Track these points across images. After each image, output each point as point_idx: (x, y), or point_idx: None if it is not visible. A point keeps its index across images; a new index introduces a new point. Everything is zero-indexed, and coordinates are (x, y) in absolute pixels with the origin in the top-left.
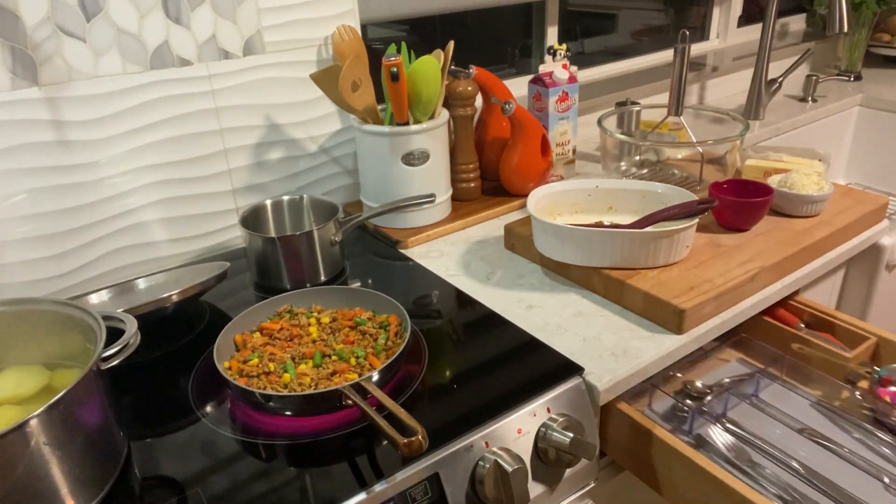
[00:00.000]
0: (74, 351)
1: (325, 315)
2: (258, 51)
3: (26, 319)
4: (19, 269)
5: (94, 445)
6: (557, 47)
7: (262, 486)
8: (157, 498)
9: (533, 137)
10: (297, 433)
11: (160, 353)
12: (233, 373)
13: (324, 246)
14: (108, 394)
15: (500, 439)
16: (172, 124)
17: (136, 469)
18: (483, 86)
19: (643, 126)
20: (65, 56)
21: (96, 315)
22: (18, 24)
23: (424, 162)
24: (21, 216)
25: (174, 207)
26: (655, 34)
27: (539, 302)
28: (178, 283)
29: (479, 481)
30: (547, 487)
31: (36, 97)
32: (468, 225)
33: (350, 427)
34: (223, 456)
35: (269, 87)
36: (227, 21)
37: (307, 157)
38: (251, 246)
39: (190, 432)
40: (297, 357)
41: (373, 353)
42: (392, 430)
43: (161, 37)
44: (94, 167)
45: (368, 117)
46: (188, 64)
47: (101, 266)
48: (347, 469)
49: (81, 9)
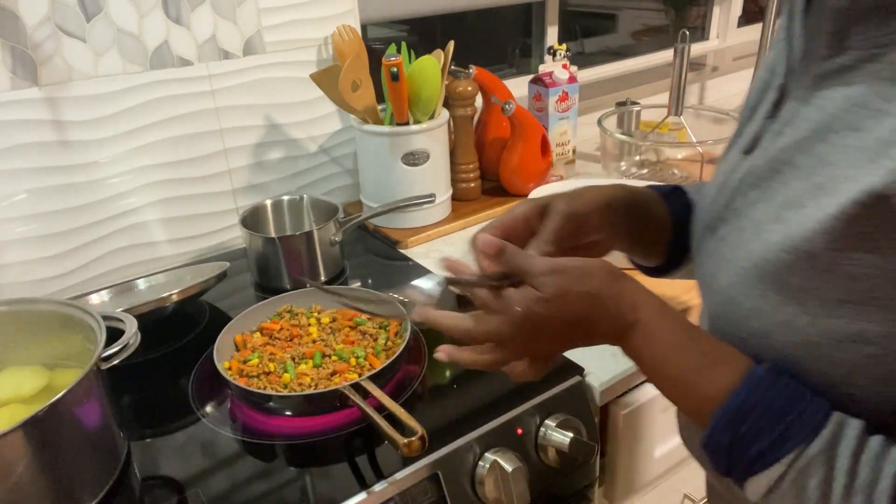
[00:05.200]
0: (74, 351)
1: (325, 315)
2: (258, 51)
3: (26, 319)
4: (19, 269)
5: (94, 445)
6: (557, 47)
7: (262, 486)
8: (157, 498)
9: (533, 137)
10: (297, 433)
11: (160, 353)
12: (233, 373)
13: (324, 246)
14: (108, 394)
15: (499, 439)
16: (172, 124)
17: (136, 469)
18: (483, 86)
19: (643, 126)
20: (65, 56)
21: (96, 315)
22: (18, 24)
23: (424, 162)
24: (21, 216)
25: (174, 207)
26: (655, 34)
27: None
28: (178, 283)
29: (478, 481)
30: (547, 487)
31: (36, 97)
32: (468, 225)
33: (350, 427)
34: (223, 456)
35: (269, 87)
36: (227, 21)
37: (307, 157)
38: (251, 246)
39: (190, 432)
40: (297, 357)
41: (373, 353)
42: (392, 430)
43: (161, 37)
44: (94, 167)
45: (368, 117)
46: (188, 64)
47: (101, 266)
48: (347, 469)
49: (81, 9)
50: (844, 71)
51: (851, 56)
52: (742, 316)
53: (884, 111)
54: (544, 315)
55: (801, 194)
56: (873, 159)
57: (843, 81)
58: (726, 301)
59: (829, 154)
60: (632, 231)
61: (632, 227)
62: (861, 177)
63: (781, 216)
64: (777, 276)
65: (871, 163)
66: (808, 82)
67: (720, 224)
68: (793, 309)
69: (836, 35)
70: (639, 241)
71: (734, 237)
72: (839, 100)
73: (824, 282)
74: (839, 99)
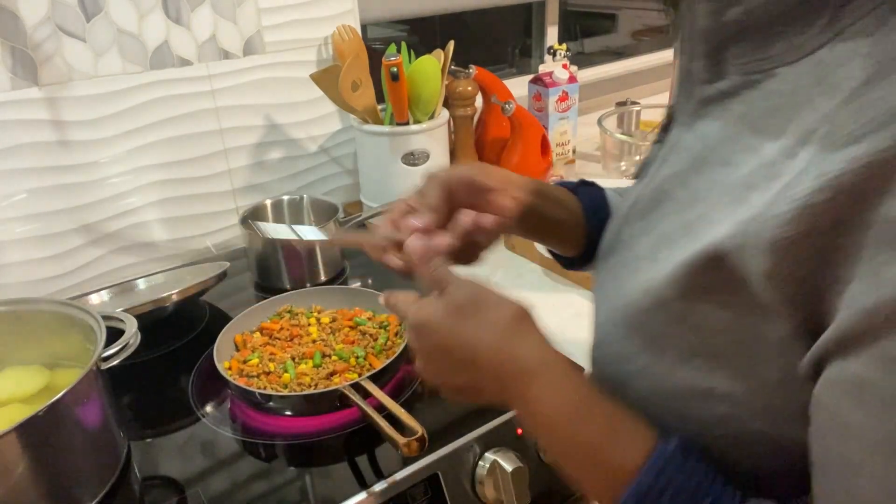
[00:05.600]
0: (74, 351)
1: (325, 315)
2: (258, 51)
3: (26, 319)
4: (19, 269)
5: (94, 445)
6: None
7: (262, 486)
8: (157, 498)
9: (533, 137)
10: (297, 433)
11: (160, 353)
12: (233, 373)
13: (324, 246)
14: (108, 394)
15: (499, 439)
16: (172, 124)
17: (136, 469)
18: (483, 86)
19: (643, 126)
20: (65, 56)
21: (96, 315)
22: (18, 24)
23: (424, 162)
24: (21, 216)
25: (174, 207)
26: (655, 34)
27: (538, 302)
28: (178, 283)
29: (478, 481)
30: (547, 488)
31: (36, 97)
32: None
33: (350, 427)
34: (223, 456)
35: (269, 87)
36: (227, 21)
37: (307, 157)
38: (251, 246)
39: (190, 432)
40: (297, 357)
41: (373, 353)
42: (392, 430)
43: (161, 37)
44: (94, 167)
45: (368, 117)
46: (188, 64)
47: (101, 266)
48: (347, 469)
49: (81, 9)
50: (724, 97)
51: (730, 82)
52: (610, 356)
53: (753, 147)
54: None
55: (673, 232)
56: (733, 204)
57: (724, 108)
58: (601, 338)
59: (701, 190)
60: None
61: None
62: (721, 222)
63: (655, 255)
64: (638, 320)
65: (732, 206)
66: (693, 107)
67: (611, 253)
68: (651, 357)
69: (711, 58)
70: (552, 229)
71: (617, 270)
72: (717, 129)
73: (679, 332)
74: (717, 128)
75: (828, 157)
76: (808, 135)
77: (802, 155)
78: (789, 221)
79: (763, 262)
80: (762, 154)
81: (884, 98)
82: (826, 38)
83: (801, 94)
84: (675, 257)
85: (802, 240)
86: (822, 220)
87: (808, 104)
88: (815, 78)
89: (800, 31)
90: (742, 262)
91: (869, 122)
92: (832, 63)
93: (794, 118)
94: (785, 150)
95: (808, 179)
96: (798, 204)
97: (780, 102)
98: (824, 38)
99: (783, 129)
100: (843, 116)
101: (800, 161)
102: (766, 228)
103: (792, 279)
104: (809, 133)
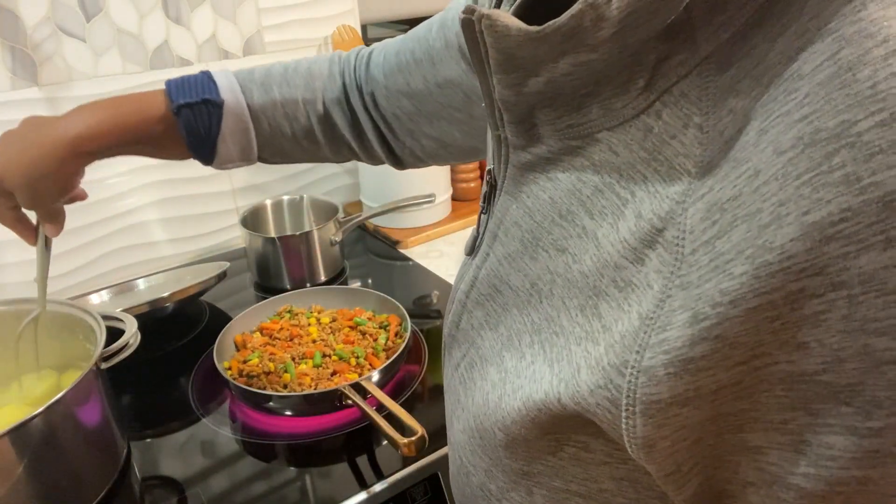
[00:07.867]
0: (74, 351)
1: (325, 315)
2: (258, 51)
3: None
4: (19, 270)
5: (94, 445)
6: None
7: (262, 486)
8: (157, 498)
9: None
10: (297, 433)
11: (160, 353)
12: (233, 373)
13: (324, 246)
14: (108, 394)
15: None
16: None
17: (136, 469)
18: None
19: None
20: (65, 56)
21: (96, 315)
22: (18, 24)
23: None
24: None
25: (174, 207)
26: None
27: None
28: (178, 283)
29: None
30: None
31: (36, 97)
32: (468, 225)
33: (350, 427)
34: (223, 456)
35: None
36: (227, 21)
37: None
38: (251, 246)
39: (190, 432)
40: (297, 357)
41: (373, 353)
42: (392, 430)
43: (161, 37)
44: (93, 167)
45: None
46: (188, 64)
47: (101, 266)
48: (347, 469)
49: (81, 9)
50: (546, 163)
51: (548, 147)
52: (472, 487)
53: (588, 232)
54: None
55: (520, 335)
56: (583, 316)
57: (548, 177)
58: (458, 458)
59: (541, 282)
60: (130, 151)
61: (126, 150)
62: (573, 352)
63: (502, 362)
64: (496, 450)
65: (584, 320)
66: (514, 172)
67: (454, 345)
68: (518, 497)
69: (520, 124)
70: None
71: (466, 371)
72: (546, 202)
73: (545, 467)
74: (546, 201)
75: (693, 292)
76: (653, 234)
77: (651, 264)
78: (663, 380)
79: (637, 425)
80: (601, 247)
81: (741, 204)
82: (647, 102)
83: (632, 170)
84: (524, 387)
85: (678, 407)
86: (704, 381)
87: (642, 186)
88: (647, 151)
89: (614, 94)
90: (608, 418)
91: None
92: (662, 132)
93: (630, 201)
94: (628, 250)
95: (678, 322)
96: (672, 357)
97: (609, 180)
98: (644, 102)
99: (618, 213)
100: (694, 220)
101: (653, 277)
102: (638, 386)
103: (673, 450)
104: (655, 232)
